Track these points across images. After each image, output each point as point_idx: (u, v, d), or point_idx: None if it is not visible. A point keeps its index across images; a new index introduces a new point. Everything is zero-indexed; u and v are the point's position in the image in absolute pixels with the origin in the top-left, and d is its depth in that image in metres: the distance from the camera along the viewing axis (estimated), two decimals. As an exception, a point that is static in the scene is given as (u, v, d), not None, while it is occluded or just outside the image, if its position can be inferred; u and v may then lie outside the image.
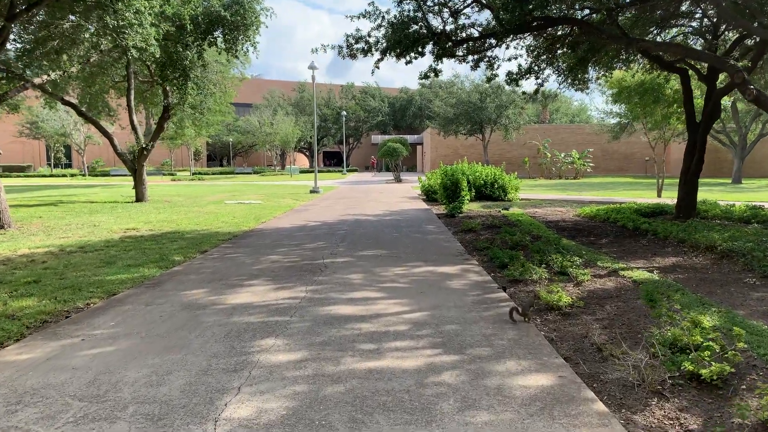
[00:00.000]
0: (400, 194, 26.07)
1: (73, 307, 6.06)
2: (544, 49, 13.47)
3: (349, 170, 68.26)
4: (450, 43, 12.23)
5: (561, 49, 13.54)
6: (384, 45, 12.09)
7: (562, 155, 45.51)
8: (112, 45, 14.54)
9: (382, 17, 11.97)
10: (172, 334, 4.99)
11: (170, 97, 20.47)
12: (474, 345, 4.66)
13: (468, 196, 17.51)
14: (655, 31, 13.88)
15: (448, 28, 12.19)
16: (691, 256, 8.97)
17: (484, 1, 11.89)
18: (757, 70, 12.96)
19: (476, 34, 12.43)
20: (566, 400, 3.65)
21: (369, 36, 12.21)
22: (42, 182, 43.67)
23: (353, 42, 12.39)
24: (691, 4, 12.75)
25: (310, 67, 26.69)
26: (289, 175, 58.10)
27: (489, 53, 13.26)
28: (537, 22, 11.47)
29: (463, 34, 12.41)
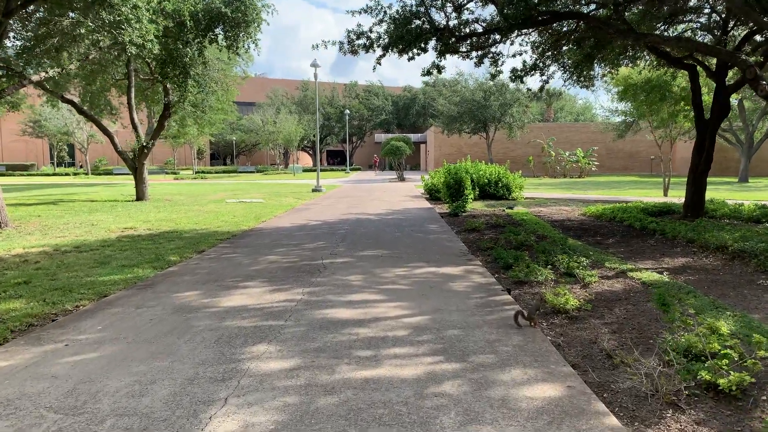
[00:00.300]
0: (402, 193, 25.85)
1: (62, 310, 5.85)
2: (550, 45, 13.22)
3: (353, 169, 68.08)
4: (453, 39, 11.99)
5: (566, 45, 13.30)
6: (386, 41, 11.86)
7: (567, 154, 45.17)
8: (111, 42, 14.37)
9: (384, 12, 11.73)
10: (160, 339, 4.76)
11: (171, 95, 20.26)
12: (477, 352, 4.42)
13: (471, 194, 17.30)
14: (662, 27, 13.62)
15: (451, 23, 11.94)
16: (701, 257, 8.74)
17: (488, -4, 11.66)
18: (768, 66, 12.69)
19: (480, 30, 12.17)
20: (576, 413, 3.42)
21: (370, 31, 11.97)
22: (44, 181, 43.61)
23: (354, 38, 12.15)
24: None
25: (313, 64, 26.45)
26: (292, 173, 57.92)
27: (493, 49, 13.03)
28: (542, 17, 11.25)
29: (467, 29, 12.15)
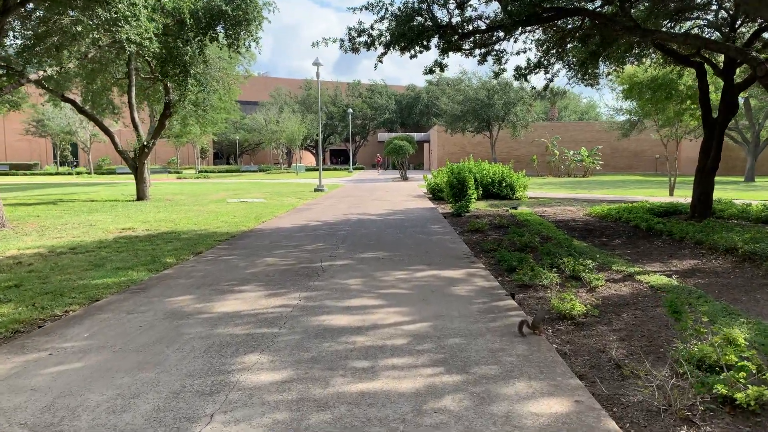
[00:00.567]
0: (405, 193, 25.63)
1: (50, 315, 5.66)
2: (554, 42, 13.00)
3: (356, 168, 67.88)
4: (456, 36, 11.78)
5: (571, 42, 13.07)
6: (387, 38, 11.66)
7: (571, 153, 44.83)
8: (110, 40, 14.20)
9: (386, 9, 11.52)
10: (148, 347, 4.55)
11: (171, 94, 20.09)
12: (479, 362, 4.20)
13: (475, 194, 17.09)
14: (668, 24, 13.36)
15: (454, 20, 11.72)
16: (710, 259, 8.51)
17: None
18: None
19: (483, 27, 11.95)
20: (584, 431, 3.20)
21: (372, 29, 11.77)
22: (47, 180, 43.53)
23: (356, 35, 11.94)
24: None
25: (315, 63, 26.25)
26: (295, 173, 57.75)
27: (497, 47, 12.82)
28: (547, 13, 11.02)
29: (470, 26, 11.94)
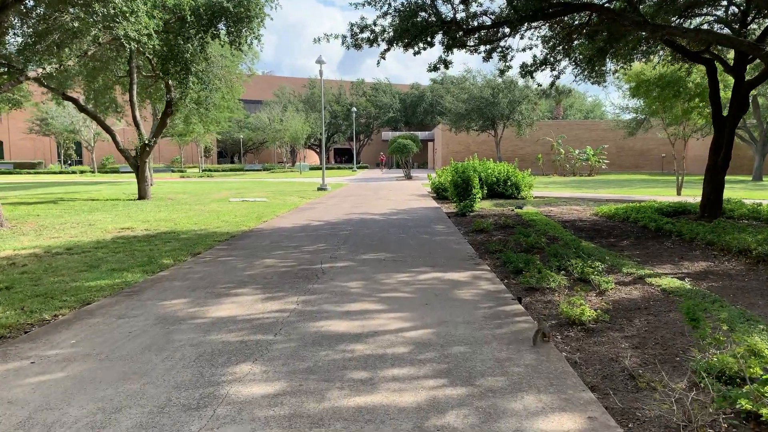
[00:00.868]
0: (409, 192, 25.38)
1: (38, 320, 5.44)
2: (561, 39, 12.71)
3: (360, 167, 67.66)
4: (461, 32, 11.52)
5: (578, 39, 12.79)
6: (390, 34, 11.41)
7: (577, 152, 44.45)
8: (110, 37, 14.02)
9: (389, 4, 11.27)
10: (136, 356, 4.33)
11: (173, 92, 19.89)
12: (485, 373, 3.95)
13: (479, 194, 16.83)
14: (677, 21, 13.06)
15: (458, 15, 11.45)
16: (723, 261, 8.25)
17: (497, -13, 11.18)
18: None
19: (489, 23, 11.68)
20: (599, 452, 2.96)
21: (374, 25, 11.51)
22: (50, 179, 43.45)
23: (358, 31, 11.69)
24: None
25: (318, 61, 26.02)
26: (299, 172, 57.56)
27: (502, 43, 12.55)
28: (553, 9, 10.76)
29: (475, 22, 11.66)
